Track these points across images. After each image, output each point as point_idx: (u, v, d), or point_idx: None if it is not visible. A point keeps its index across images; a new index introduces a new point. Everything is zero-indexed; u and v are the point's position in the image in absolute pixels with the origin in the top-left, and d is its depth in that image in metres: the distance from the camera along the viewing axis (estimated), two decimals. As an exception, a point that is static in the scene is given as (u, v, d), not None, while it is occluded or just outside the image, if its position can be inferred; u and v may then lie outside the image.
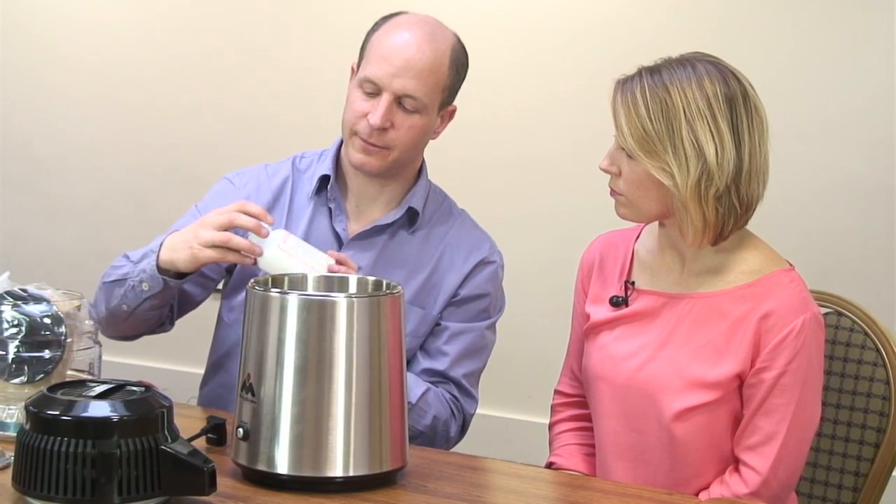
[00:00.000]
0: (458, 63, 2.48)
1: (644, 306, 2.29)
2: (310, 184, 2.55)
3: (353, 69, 2.51)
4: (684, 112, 2.14)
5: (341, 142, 2.54)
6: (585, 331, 2.37)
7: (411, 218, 2.53)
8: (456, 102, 2.51)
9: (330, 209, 2.52)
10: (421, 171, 2.57)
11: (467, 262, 2.53)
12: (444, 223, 2.57)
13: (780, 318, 2.17)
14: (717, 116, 2.15)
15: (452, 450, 2.57)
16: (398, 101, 2.41)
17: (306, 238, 2.47)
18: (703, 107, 2.14)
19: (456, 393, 2.49)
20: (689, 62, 2.19)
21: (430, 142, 4.03)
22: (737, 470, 2.21)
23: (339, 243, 2.50)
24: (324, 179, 2.53)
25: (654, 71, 2.19)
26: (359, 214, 2.53)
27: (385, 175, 2.49)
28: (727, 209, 2.18)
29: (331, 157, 2.55)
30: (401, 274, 2.49)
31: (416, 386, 2.41)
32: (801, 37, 3.56)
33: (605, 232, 2.45)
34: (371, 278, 2.13)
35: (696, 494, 2.19)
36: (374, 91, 2.41)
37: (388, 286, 2.07)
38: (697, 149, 2.14)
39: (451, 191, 2.72)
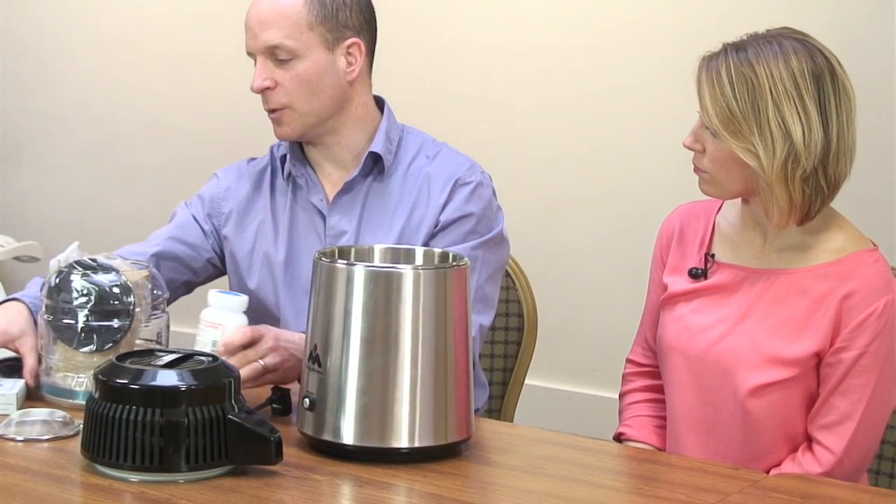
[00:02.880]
0: None
1: (724, 279, 2.28)
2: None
3: None
4: (770, 92, 2.11)
5: None
6: (662, 301, 2.35)
7: (378, 166, 2.51)
8: (526, 76, 2.48)
9: (302, 185, 2.53)
10: (383, 117, 2.54)
11: (444, 190, 2.48)
12: (425, 160, 2.53)
13: (863, 298, 2.15)
14: (803, 96, 2.11)
15: (516, 422, 2.58)
16: (273, 58, 2.43)
17: (292, 218, 2.51)
18: (789, 86, 2.11)
19: None
20: (776, 38, 2.16)
21: (495, 114, 4.01)
22: (810, 449, 2.19)
23: (321, 216, 2.50)
24: (286, 160, 2.54)
25: (739, 48, 2.16)
26: (332, 181, 2.53)
27: (316, 135, 2.49)
28: (814, 190, 2.15)
29: None
30: (385, 220, 2.48)
31: None
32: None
33: (684, 203, 2.42)
34: (437, 250, 2.13)
35: (768, 472, 2.17)
36: (255, 61, 2.46)
37: (454, 258, 2.07)
38: (784, 130, 2.11)
39: (514, 163, 2.71)
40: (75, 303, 2.16)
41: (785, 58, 2.13)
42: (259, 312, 2.51)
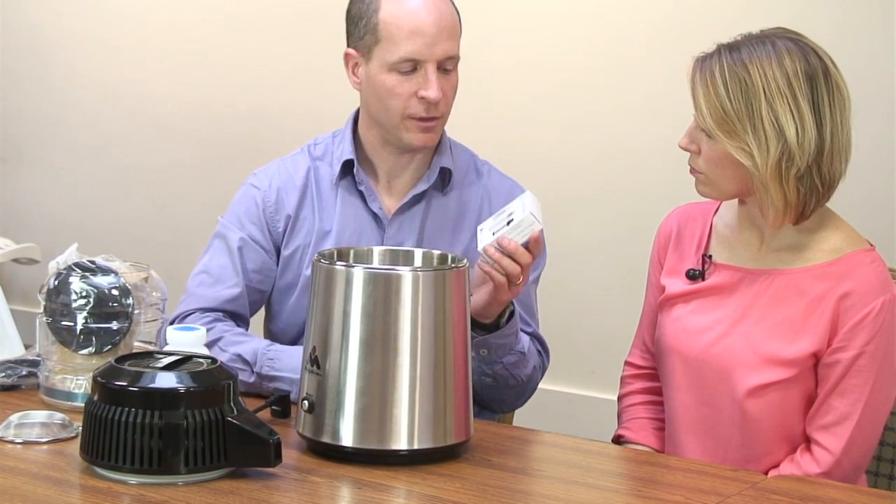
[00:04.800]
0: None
1: (721, 280, 2.28)
2: (330, 170, 2.50)
3: (350, 55, 2.45)
4: (764, 91, 2.12)
5: (355, 121, 2.50)
6: (660, 303, 2.36)
7: (443, 179, 2.50)
8: (524, 75, 2.50)
9: (361, 192, 2.47)
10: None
11: None
12: (475, 177, 2.53)
13: (860, 298, 2.15)
14: (797, 95, 2.12)
15: (515, 424, 2.58)
16: (440, 67, 2.38)
17: (342, 225, 2.46)
18: (783, 85, 2.12)
19: (538, 346, 2.47)
20: (769, 38, 2.17)
21: (492, 113, 4.01)
22: (808, 449, 2.19)
23: (379, 223, 2.47)
24: (347, 163, 2.47)
25: (733, 48, 2.17)
26: (391, 190, 2.49)
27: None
28: (808, 189, 2.15)
29: (349, 140, 2.49)
30: (446, 237, 2.47)
31: (521, 334, 2.38)
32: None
33: (681, 205, 2.43)
34: (436, 252, 2.13)
35: (766, 472, 2.17)
36: (412, 68, 2.37)
37: (453, 260, 2.07)
38: (777, 129, 2.12)
39: (511, 165, 2.70)
40: (74, 305, 2.16)
41: (778, 58, 2.14)
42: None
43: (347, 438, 1.94)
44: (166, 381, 1.84)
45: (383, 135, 2.45)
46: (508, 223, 2.19)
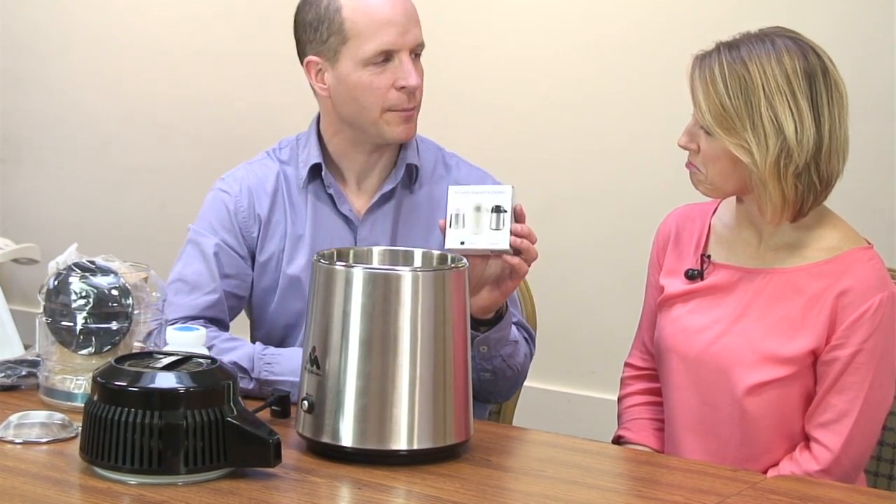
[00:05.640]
0: None
1: (720, 280, 2.28)
2: (297, 173, 2.48)
3: (312, 63, 2.41)
4: (763, 88, 2.13)
5: (318, 123, 2.49)
6: (659, 303, 2.36)
7: (410, 175, 2.48)
8: (523, 75, 2.48)
9: (330, 195, 2.46)
10: None
11: None
12: (444, 171, 2.52)
13: (858, 295, 2.16)
14: (796, 93, 2.13)
15: (515, 424, 2.58)
16: (413, 55, 2.38)
17: (314, 229, 2.45)
18: (782, 83, 2.13)
19: (525, 334, 2.47)
20: (768, 37, 2.18)
21: (492, 114, 4.02)
22: (807, 447, 2.20)
23: (350, 225, 2.46)
24: (315, 167, 2.45)
25: (732, 46, 2.18)
26: (359, 191, 2.48)
27: None
28: (806, 186, 2.16)
29: (315, 144, 2.47)
30: (419, 234, 2.46)
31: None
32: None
33: (680, 206, 2.43)
34: (436, 252, 2.13)
35: (766, 471, 2.18)
36: (385, 59, 2.36)
37: (453, 260, 2.07)
38: (777, 126, 2.13)
39: (512, 165, 2.70)
40: (74, 305, 2.16)
41: (778, 56, 2.15)
42: (288, 327, 2.48)
43: (347, 438, 1.94)
44: (166, 381, 1.84)
45: (356, 135, 2.43)
46: (495, 210, 2.19)
